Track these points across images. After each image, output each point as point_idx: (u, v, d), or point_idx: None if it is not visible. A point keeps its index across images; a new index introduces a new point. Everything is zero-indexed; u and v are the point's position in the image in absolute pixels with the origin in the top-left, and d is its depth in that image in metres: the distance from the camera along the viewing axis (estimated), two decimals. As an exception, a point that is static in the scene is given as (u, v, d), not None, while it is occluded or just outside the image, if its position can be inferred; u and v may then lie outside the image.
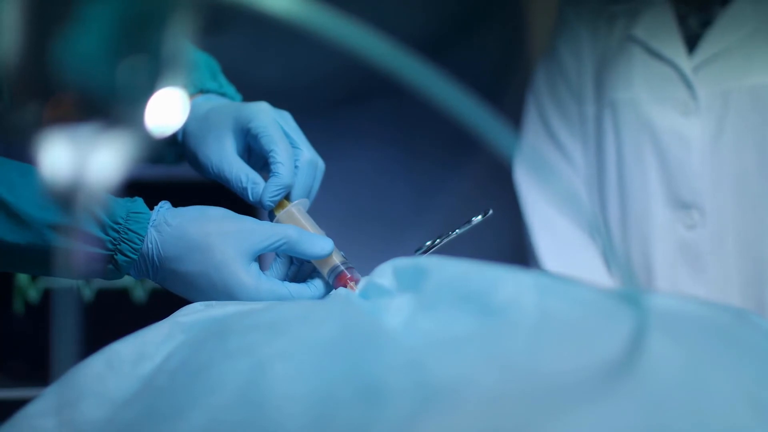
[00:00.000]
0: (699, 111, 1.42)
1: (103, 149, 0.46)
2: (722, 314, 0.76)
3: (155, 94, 0.46)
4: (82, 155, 0.45)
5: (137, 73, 0.45)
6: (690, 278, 1.45)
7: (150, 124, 0.46)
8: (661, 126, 1.45)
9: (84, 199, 0.46)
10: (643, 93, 1.47)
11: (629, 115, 1.48)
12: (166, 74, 0.46)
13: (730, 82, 1.40)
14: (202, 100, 1.11)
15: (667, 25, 1.46)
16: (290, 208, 1.03)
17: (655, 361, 0.63)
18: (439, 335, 0.70)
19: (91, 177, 0.46)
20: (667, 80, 1.45)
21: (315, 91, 1.76)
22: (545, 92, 1.59)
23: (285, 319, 0.77)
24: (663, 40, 1.46)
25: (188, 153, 1.08)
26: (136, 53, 0.46)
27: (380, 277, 0.86)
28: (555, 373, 0.63)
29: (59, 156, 0.45)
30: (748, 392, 0.63)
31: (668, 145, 1.44)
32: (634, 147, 1.47)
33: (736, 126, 1.40)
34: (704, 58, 1.43)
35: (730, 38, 1.41)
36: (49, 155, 0.45)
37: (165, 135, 0.46)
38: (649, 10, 1.48)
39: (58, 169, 0.45)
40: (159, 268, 0.96)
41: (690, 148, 1.43)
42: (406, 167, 1.90)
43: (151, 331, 0.83)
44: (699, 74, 1.43)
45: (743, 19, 1.41)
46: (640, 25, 1.49)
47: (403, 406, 0.61)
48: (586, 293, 0.74)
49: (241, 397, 0.66)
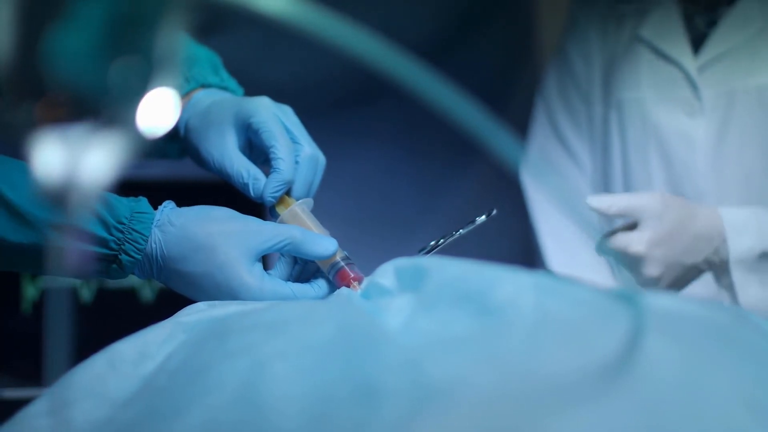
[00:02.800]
0: (704, 111, 1.41)
1: (96, 149, 0.46)
2: (722, 314, 0.76)
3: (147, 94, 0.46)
4: (75, 155, 0.46)
5: (129, 72, 0.45)
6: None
7: (142, 124, 0.46)
8: (666, 126, 1.44)
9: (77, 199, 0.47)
10: (648, 93, 1.46)
11: (635, 115, 1.47)
12: (158, 74, 0.46)
13: (735, 82, 1.40)
14: (204, 94, 1.12)
15: (674, 25, 1.45)
16: (294, 208, 1.03)
17: (652, 361, 0.63)
18: (437, 335, 0.70)
19: (84, 177, 0.46)
20: (672, 80, 1.44)
21: (321, 91, 1.77)
22: (554, 93, 1.59)
23: (285, 319, 0.77)
24: (669, 40, 1.45)
25: (190, 148, 1.09)
26: (128, 53, 0.46)
27: (381, 277, 0.86)
28: (552, 374, 0.63)
29: (51, 156, 0.45)
30: (746, 393, 0.63)
31: (673, 146, 1.44)
32: (639, 147, 1.47)
33: (740, 126, 1.39)
34: (709, 58, 1.42)
35: (735, 38, 1.40)
36: (41, 155, 0.45)
37: (156, 135, 0.46)
38: (656, 9, 1.48)
39: (50, 168, 0.45)
40: (163, 268, 0.97)
41: (694, 148, 1.42)
42: (412, 167, 1.90)
43: (152, 331, 0.83)
44: (704, 74, 1.42)
45: (749, 19, 1.41)
46: (647, 25, 1.48)
47: (398, 406, 0.61)
48: (585, 293, 0.74)
49: (238, 397, 0.66)
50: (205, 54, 1.17)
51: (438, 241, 1.07)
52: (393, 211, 1.85)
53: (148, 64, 0.46)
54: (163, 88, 0.47)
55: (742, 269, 1.22)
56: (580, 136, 1.55)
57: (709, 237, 1.20)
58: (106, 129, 0.46)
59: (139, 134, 0.46)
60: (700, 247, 1.20)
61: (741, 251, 1.21)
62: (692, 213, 1.20)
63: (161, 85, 0.47)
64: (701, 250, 1.20)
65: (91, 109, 0.45)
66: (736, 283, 1.22)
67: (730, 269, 1.22)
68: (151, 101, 0.46)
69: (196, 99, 1.11)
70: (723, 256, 1.22)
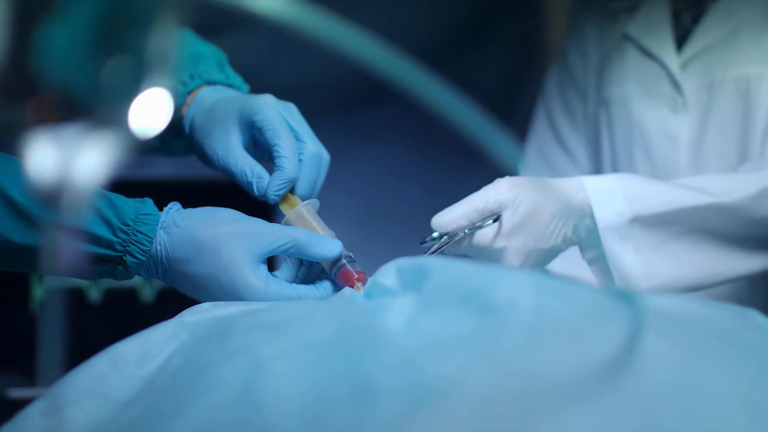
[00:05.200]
0: (687, 107, 1.40)
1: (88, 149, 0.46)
2: (723, 314, 0.76)
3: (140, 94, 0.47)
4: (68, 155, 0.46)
5: (122, 72, 0.46)
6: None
7: (134, 124, 0.46)
8: (649, 123, 1.43)
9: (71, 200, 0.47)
10: (633, 90, 1.46)
11: (620, 112, 1.47)
12: (151, 74, 0.47)
13: (715, 75, 1.38)
14: (209, 91, 1.12)
15: (661, 22, 1.45)
16: (300, 209, 1.03)
17: (650, 361, 0.63)
18: (437, 335, 0.70)
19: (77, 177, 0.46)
20: (655, 77, 1.43)
21: (330, 92, 1.77)
22: (554, 91, 1.59)
23: (286, 319, 0.77)
24: (654, 38, 1.45)
25: (195, 145, 1.09)
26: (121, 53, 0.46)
27: (384, 276, 0.86)
28: (549, 373, 0.63)
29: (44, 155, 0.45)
30: (744, 393, 0.62)
31: (656, 142, 1.42)
32: (625, 144, 1.46)
33: (720, 120, 1.37)
34: (692, 54, 1.41)
35: (717, 33, 1.39)
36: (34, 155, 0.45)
37: (149, 136, 0.47)
38: (645, 7, 1.47)
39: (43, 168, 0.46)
40: (168, 270, 0.97)
41: (677, 144, 1.41)
42: (421, 168, 1.90)
43: (155, 330, 0.83)
44: (687, 70, 1.41)
45: (731, 13, 1.39)
46: (634, 22, 1.48)
47: (395, 406, 0.62)
48: (584, 293, 0.73)
49: (238, 397, 0.66)
50: (210, 51, 1.17)
51: (441, 239, 1.07)
52: (402, 211, 1.85)
53: (141, 64, 0.46)
54: (157, 88, 0.47)
55: (613, 236, 1.12)
56: (577, 132, 1.55)
57: (567, 213, 1.11)
58: (99, 129, 0.46)
59: (131, 134, 0.46)
60: (558, 228, 1.10)
61: (609, 216, 1.12)
62: (546, 194, 1.10)
63: (154, 86, 0.47)
64: (559, 232, 1.11)
65: (84, 109, 0.46)
66: (609, 252, 1.12)
67: (600, 238, 1.12)
68: (144, 101, 0.47)
69: (201, 96, 1.11)
70: (587, 229, 1.12)
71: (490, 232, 1.08)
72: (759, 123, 1.34)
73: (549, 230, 1.10)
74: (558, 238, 1.11)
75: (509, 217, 1.08)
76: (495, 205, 1.08)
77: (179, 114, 1.13)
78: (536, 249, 1.10)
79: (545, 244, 1.10)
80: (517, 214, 1.08)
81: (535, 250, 1.10)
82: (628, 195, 1.13)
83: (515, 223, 1.08)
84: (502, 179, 1.11)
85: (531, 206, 1.09)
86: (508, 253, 1.08)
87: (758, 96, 1.34)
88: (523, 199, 1.08)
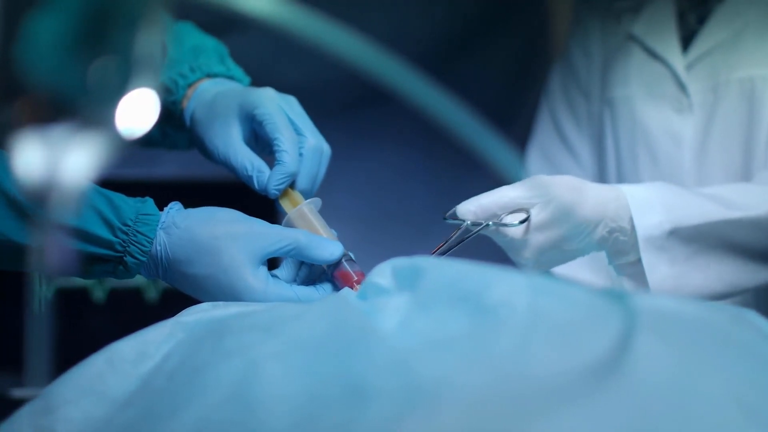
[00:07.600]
0: (692, 108, 1.40)
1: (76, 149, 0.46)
2: (720, 315, 0.75)
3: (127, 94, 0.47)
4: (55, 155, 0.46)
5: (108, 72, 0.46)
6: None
7: (121, 125, 0.46)
8: (653, 124, 1.43)
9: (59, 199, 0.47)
10: (637, 91, 1.45)
11: (625, 112, 1.46)
12: (138, 74, 0.47)
13: (720, 76, 1.38)
14: (210, 84, 1.12)
15: (666, 23, 1.44)
16: (302, 208, 1.02)
17: (643, 362, 0.63)
18: (430, 335, 0.70)
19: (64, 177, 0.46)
20: (660, 78, 1.43)
21: (333, 92, 1.77)
22: (558, 91, 1.58)
23: (281, 319, 0.77)
24: (659, 38, 1.44)
25: (195, 139, 1.09)
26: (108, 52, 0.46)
27: (379, 276, 0.86)
28: (542, 374, 0.63)
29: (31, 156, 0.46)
30: (737, 394, 0.62)
31: (659, 143, 1.42)
32: (629, 145, 1.46)
33: (724, 121, 1.37)
34: (697, 54, 1.40)
35: (722, 34, 1.39)
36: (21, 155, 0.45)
37: (135, 136, 0.47)
38: (650, 7, 1.47)
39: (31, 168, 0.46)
40: (168, 270, 0.97)
41: (681, 145, 1.40)
42: (426, 168, 1.90)
43: (152, 330, 0.83)
44: (692, 71, 1.41)
45: (737, 14, 1.39)
46: (639, 22, 1.48)
47: (386, 406, 0.62)
48: (580, 294, 0.73)
49: (231, 397, 0.67)
50: (211, 43, 1.17)
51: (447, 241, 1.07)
52: (407, 211, 1.85)
53: (128, 63, 0.46)
54: (144, 88, 0.47)
55: (651, 248, 1.11)
56: (581, 132, 1.55)
57: (600, 219, 1.08)
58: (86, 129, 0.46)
59: (118, 134, 0.46)
60: (586, 233, 1.08)
61: (650, 228, 1.10)
62: (581, 197, 1.08)
63: (142, 86, 0.47)
64: (585, 236, 1.08)
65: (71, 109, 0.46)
66: (646, 263, 1.10)
67: (639, 248, 1.10)
68: (131, 101, 0.47)
69: (202, 89, 1.11)
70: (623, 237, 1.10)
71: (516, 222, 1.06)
72: (763, 125, 1.34)
73: (576, 233, 1.08)
74: (582, 242, 1.10)
75: (537, 213, 1.06)
76: (525, 201, 1.06)
77: (180, 107, 1.13)
78: (556, 249, 1.08)
79: (568, 246, 1.09)
80: (545, 212, 1.06)
81: (554, 249, 1.08)
82: (666, 206, 1.12)
83: (542, 219, 1.06)
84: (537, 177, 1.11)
85: (562, 207, 1.08)
86: (526, 247, 1.06)
87: (763, 98, 1.34)
88: (554, 198, 1.07)
